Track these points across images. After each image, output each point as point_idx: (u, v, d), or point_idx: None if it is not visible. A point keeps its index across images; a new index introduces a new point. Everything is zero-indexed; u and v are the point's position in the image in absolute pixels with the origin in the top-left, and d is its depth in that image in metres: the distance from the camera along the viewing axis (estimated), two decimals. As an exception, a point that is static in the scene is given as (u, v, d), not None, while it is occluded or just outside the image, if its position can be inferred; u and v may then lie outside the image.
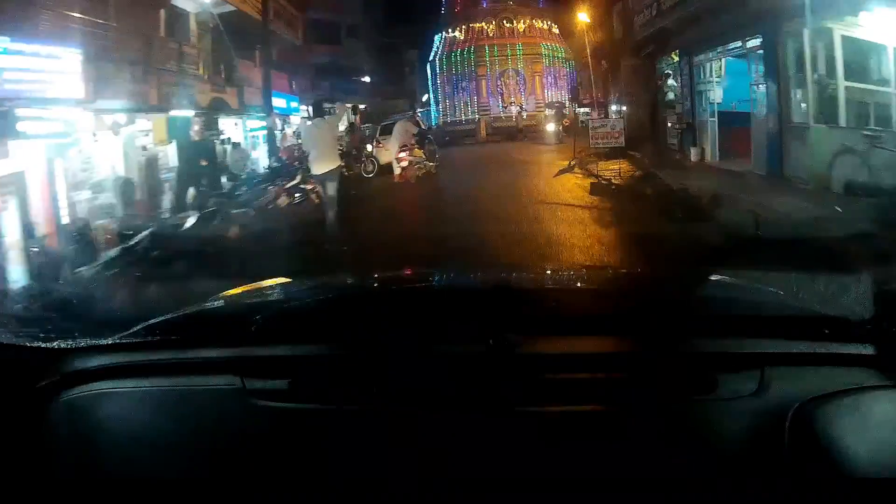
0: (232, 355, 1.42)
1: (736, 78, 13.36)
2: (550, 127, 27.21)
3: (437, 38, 38.34)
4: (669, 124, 15.94)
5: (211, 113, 18.03)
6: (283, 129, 23.71)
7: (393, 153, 15.42)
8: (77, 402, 1.36)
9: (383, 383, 1.31)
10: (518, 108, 35.42)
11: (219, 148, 19.64)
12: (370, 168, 18.42)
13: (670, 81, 16.90)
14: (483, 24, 36.30)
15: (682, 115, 15.07)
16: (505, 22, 36.22)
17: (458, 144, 30.86)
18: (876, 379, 1.26)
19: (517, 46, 36.10)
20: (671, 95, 16.88)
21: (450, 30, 37.40)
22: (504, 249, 7.30)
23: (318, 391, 1.32)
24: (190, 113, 16.92)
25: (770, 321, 1.44)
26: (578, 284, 2.14)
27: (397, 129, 15.85)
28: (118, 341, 1.48)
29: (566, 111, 31.79)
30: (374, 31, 41.62)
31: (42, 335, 1.49)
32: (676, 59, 15.82)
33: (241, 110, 20.81)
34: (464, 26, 36.64)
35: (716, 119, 13.53)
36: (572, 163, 15.74)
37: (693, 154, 13.87)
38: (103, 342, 1.48)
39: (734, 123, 13.03)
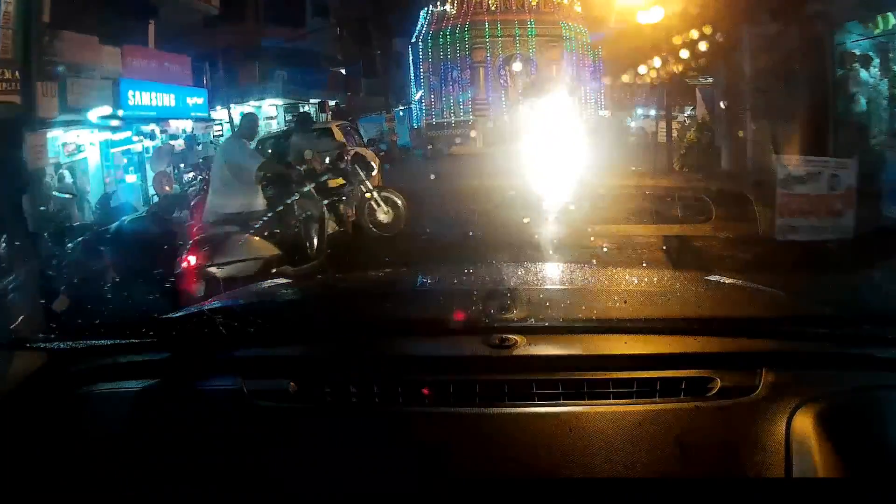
0: (232, 356, 1.46)
1: None
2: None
3: (422, 13, 29.62)
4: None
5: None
6: (160, 142, 15.14)
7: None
8: (77, 402, 1.38)
9: (383, 383, 1.31)
10: (528, 106, 26.92)
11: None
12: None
13: (863, 74, 8.34)
14: (483, -8, 27.61)
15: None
16: (512, -9, 27.55)
17: (442, 156, 23.27)
18: (876, 379, 1.31)
19: (528, 24, 27.29)
20: (862, 102, 8.37)
21: (438, 1, 28.65)
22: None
23: (318, 391, 1.33)
24: None
25: (770, 321, 1.52)
26: (578, 284, 2.14)
27: (214, 169, 6.12)
28: (118, 341, 1.51)
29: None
30: (349, 9, 33.29)
31: (42, 336, 1.53)
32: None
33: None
34: (456, -4, 28.05)
35: None
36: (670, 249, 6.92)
37: None
38: (103, 342, 1.51)
39: None
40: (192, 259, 4.77)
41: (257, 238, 5.11)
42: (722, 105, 12.62)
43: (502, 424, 1.20)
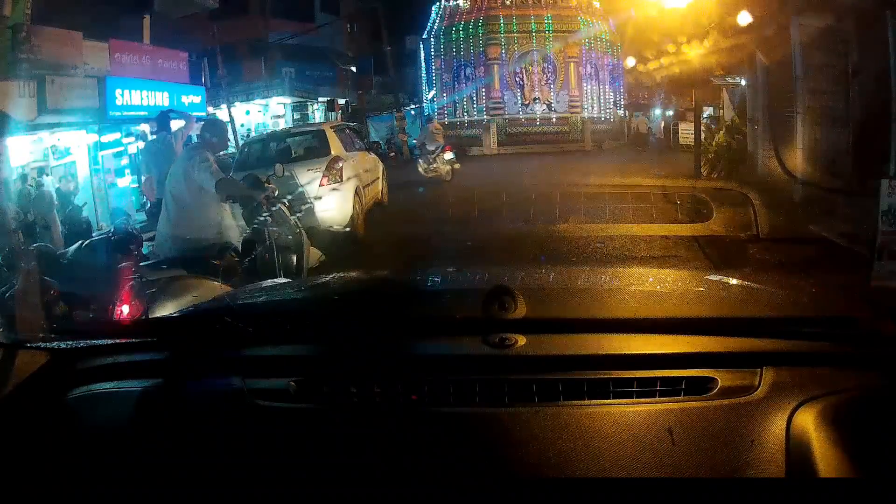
0: (232, 355, 1.46)
1: None
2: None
3: (434, 7, 28.53)
4: None
5: None
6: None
7: None
8: (77, 402, 1.37)
9: (384, 383, 1.31)
10: (545, 106, 25.99)
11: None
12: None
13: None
14: (498, -14, 26.43)
15: None
16: (529, -15, 26.38)
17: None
18: (876, 379, 1.29)
19: (545, 20, 25.94)
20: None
21: (451, -5, 27.67)
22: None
23: (319, 391, 1.33)
24: None
25: (771, 321, 1.49)
26: (579, 284, 2.13)
27: (169, 187, 4.72)
28: (118, 341, 1.52)
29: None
30: (359, 4, 32.24)
31: (42, 336, 1.52)
32: None
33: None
34: (470, -10, 26.91)
35: None
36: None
37: None
38: (103, 342, 1.51)
39: None
40: (125, 310, 3.77)
41: (212, 282, 4.04)
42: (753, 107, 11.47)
43: (502, 424, 1.20)
